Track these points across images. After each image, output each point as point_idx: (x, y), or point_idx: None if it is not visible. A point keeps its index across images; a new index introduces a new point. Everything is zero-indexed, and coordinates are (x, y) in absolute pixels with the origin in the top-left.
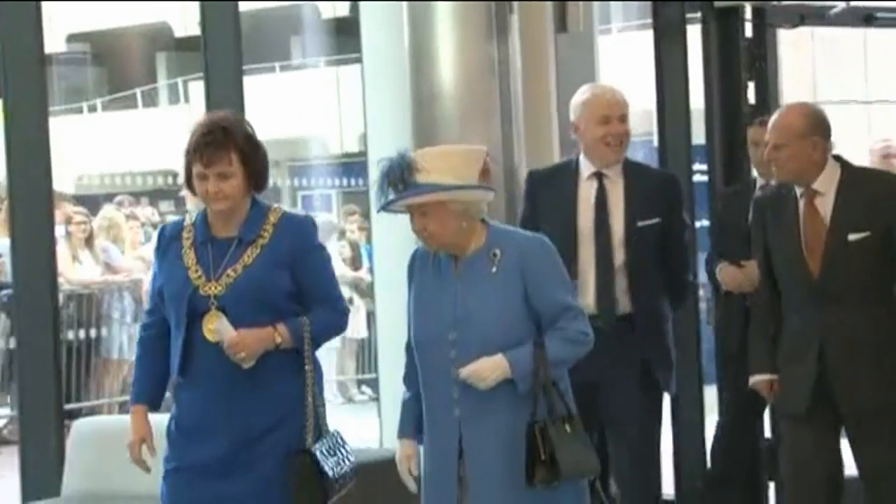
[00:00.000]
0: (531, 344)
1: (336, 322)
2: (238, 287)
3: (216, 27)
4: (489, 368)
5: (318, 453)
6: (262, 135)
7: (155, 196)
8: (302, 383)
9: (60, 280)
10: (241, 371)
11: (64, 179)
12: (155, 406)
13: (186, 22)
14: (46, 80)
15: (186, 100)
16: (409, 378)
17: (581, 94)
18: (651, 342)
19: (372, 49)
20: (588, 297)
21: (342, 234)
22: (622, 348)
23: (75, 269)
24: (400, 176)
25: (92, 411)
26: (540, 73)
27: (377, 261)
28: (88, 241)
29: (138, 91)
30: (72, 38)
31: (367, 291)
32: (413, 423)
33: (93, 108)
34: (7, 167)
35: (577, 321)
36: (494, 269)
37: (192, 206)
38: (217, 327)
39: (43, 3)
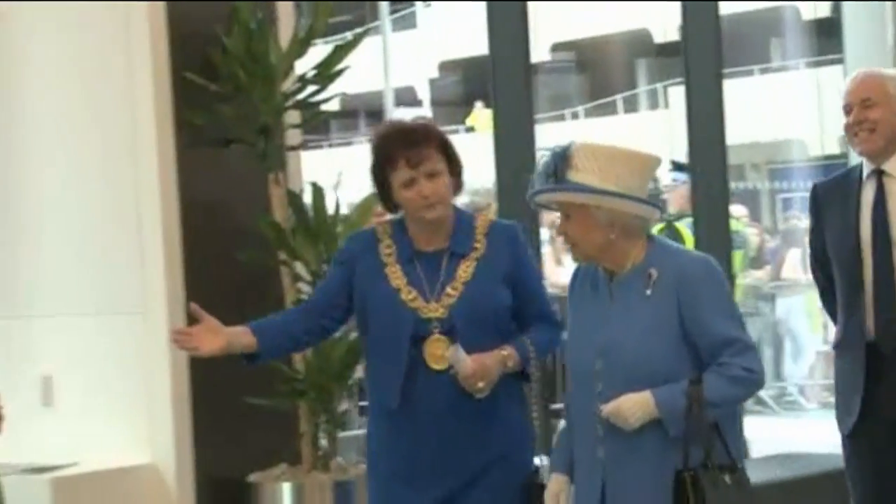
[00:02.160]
0: (686, 381)
1: (556, 338)
2: (460, 308)
3: (697, 31)
4: (632, 407)
5: None
6: (741, 137)
7: None
8: (525, 409)
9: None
10: (466, 400)
11: None
12: (257, 338)
13: (666, 28)
14: (532, 88)
15: (666, 105)
16: (568, 408)
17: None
18: None
19: (854, 49)
20: (869, 319)
21: None
22: None
23: (558, 273)
24: (553, 169)
25: None
26: None
27: None
28: None
29: (619, 97)
30: (556, 48)
31: None
32: (567, 458)
33: (575, 115)
34: (496, 173)
35: (743, 356)
36: (649, 292)
37: None
38: (452, 356)
39: (529, 15)
